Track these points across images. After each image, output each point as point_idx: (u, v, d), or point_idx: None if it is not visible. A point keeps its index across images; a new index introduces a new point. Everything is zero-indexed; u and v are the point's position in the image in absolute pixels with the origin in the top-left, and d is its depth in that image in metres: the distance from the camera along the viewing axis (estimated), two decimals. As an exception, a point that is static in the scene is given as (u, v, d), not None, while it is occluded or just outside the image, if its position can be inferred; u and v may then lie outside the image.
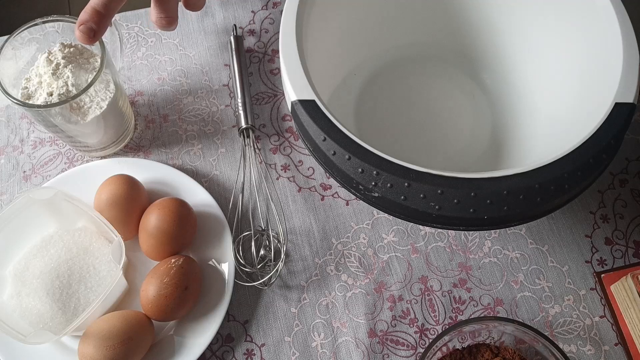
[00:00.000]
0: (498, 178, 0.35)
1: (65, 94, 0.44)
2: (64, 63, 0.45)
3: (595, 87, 0.41)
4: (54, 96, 0.44)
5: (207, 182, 0.51)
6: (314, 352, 0.45)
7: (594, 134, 0.36)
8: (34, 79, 0.46)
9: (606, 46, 0.40)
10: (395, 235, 0.49)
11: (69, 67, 0.45)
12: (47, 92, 0.44)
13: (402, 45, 0.54)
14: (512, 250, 0.48)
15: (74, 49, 0.46)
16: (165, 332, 0.44)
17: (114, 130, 0.49)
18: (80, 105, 0.45)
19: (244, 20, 0.59)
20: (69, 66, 0.45)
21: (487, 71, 0.53)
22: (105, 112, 0.46)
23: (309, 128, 0.38)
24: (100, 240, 0.45)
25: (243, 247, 0.47)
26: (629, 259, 0.48)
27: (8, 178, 0.52)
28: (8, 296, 0.43)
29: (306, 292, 0.47)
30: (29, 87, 0.45)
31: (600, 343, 0.45)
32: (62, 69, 0.45)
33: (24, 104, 0.43)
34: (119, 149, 0.52)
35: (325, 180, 0.51)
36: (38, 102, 0.44)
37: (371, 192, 0.36)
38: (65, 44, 0.46)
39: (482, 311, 0.46)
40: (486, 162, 0.49)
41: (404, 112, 0.52)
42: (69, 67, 0.45)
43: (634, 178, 0.51)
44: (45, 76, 0.45)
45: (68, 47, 0.46)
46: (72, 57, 0.46)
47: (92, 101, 0.45)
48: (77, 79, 0.45)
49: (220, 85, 0.55)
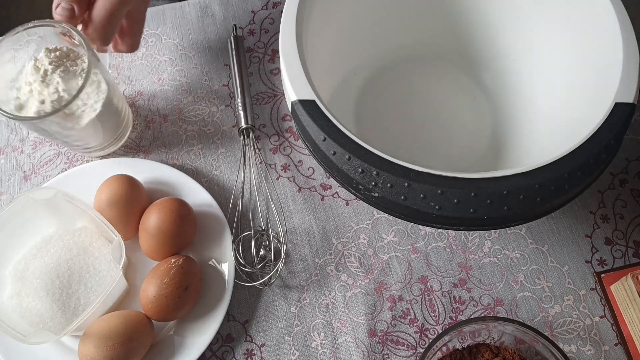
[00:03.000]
0: (498, 178, 0.35)
1: (57, 100, 0.43)
2: (51, 69, 0.44)
3: (595, 87, 0.41)
4: (47, 104, 0.43)
5: (207, 182, 0.51)
6: (314, 352, 0.45)
7: (594, 134, 0.36)
8: (24, 87, 0.44)
9: (606, 46, 0.40)
10: (395, 235, 0.49)
11: (57, 72, 0.44)
12: (39, 100, 0.43)
13: (402, 45, 0.53)
14: (512, 250, 0.48)
15: (59, 52, 0.45)
16: (165, 332, 0.44)
17: (112, 129, 0.49)
18: (73, 110, 0.44)
19: (244, 20, 0.59)
20: (57, 71, 0.44)
21: (487, 71, 0.53)
22: (100, 114, 0.45)
23: (309, 128, 0.38)
24: (100, 240, 0.45)
25: (243, 247, 0.47)
26: (629, 259, 0.48)
27: (8, 178, 0.52)
28: (8, 296, 0.43)
29: (306, 292, 0.47)
30: (20, 97, 0.44)
31: (600, 343, 0.45)
32: (50, 74, 0.44)
33: (15, 117, 0.42)
34: (119, 147, 0.52)
35: (325, 180, 0.51)
36: (31, 112, 0.43)
37: (371, 192, 0.36)
38: (50, 49, 0.45)
39: (482, 311, 0.46)
40: (486, 162, 0.49)
41: (404, 112, 0.52)
42: (57, 72, 0.44)
43: (634, 178, 0.51)
44: (35, 84, 0.44)
45: (53, 51, 0.45)
46: (59, 61, 0.44)
47: (86, 104, 0.45)
48: (67, 83, 0.44)
49: (220, 85, 0.55)
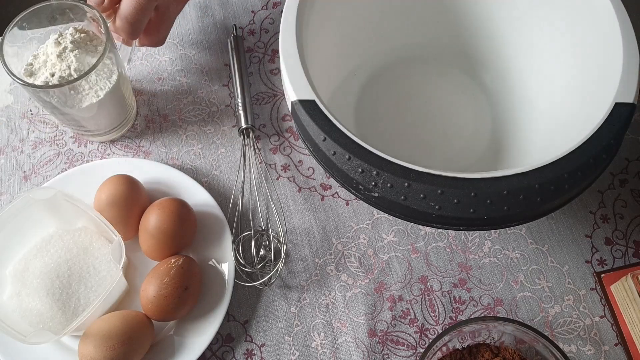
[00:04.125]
0: (498, 178, 0.35)
1: (67, 77, 0.45)
2: (70, 47, 0.45)
3: (595, 87, 0.41)
4: (55, 77, 0.45)
5: (207, 182, 0.51)
6: (314, 352, 0.45)
7: (594, 134, 0.36)
8: (41, 57, 0.46)
9: (606, 46, 0.40)
10: (395, 235, 0.49)
11: (75, 52, 0.45)
12: (49, 72, 0.45)
13: (402, 46, 0.54)
14: (512, 250, 0.48)
15: (85, 35, 0.47)
16: (165, 332, 0.44)
17: (111, 118, 0.50)
18: (78, 90, 0.45)
19: (244, 20, 0.59)
20: (75, 51, 0.45)
21: (488, 71, 0.53)
22: (102, 101, 0.46)
23: (309, 128, 0.38)
24: (100, 240, 0.45)
25: (243, 247, 0.47)
26: (629, 259, 0.48)
27: (8, 178, 0.52)
28: (8, 296, 0.43)
29: (306, 292, 0.47)
30: (34, 64, 0.46)
31: (600, 343, 0.45)
32: (67, 52, 0.45)
33: (23, 82, 0.43)
34: (120, 135, 0.53)
35: (325, 180, 0.51)
36: (39, 80, 0.45)
37: (371, 192, 0.36)
38: (77, 29, 0.47)
39: (482, 311, 0.46)
40: (486, 162, 0.49)
41: (404, 112, 0.52)
42: (75, 52, 0.45)
43: (634, 178, 0.51)
44: (52, 56, 0.45)
45: (80, 32, 0.46)
46: (80, 43, 0.46)
47: (91, 88, 0.46)
48: (81, 64, 0.45)
49: (220, 85, 0.55)
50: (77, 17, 0.47)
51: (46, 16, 0.46)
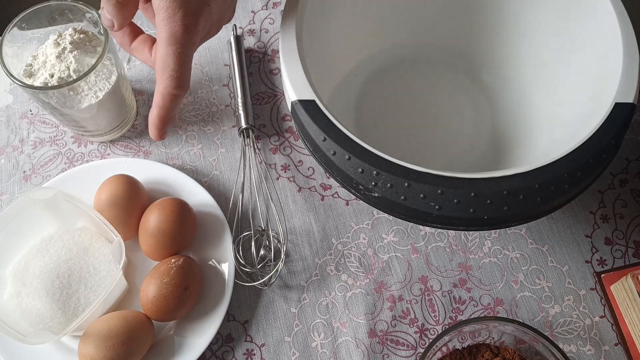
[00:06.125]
0: (498, 178, 0.35)
1: (66, 78, 0.45)
2: (70, 48, 0.46)
3: (595, 87, 0.41)
4: (54, 78, 0.45)
5: (207, 182, 0.51)
6: (314, 352, 0.45)
7: (594, 134, 0.36)
8: (40, 57, 0.46)
9: (606, 46, 0.40)
10: (395, 235, 0.49)
11: (74, 53, 0.45)
12: (49, 73, 0.45)
13: (402, 46, 0.54)
14: (512, 250, 0.48)
15: (84, 35, 0.47)
16: (165, 332, 0.44)
17: (110, 119, 0.50)
18: (77, 91, 0.45)
19: (244, 20, 0.59)
20: (74, 52, 0.45)
21: (488, 71, 0.53)
22: (101, 102, 0.46)
23: (309, 128, 0.38)
24: (100, 240, 0.45)
25: (243, 247, 0.47)
26: (629, 259, 0.48)
27: (8, 178, 0.52)
28: (8, 296, 0.43)
29: (306, 292, 0.47)
30: (33, 65, 0.46)
31: (600, 343, 0.45)
32: (67, 53, 0.45)
33: (22, 84, 0.43)
34: (120, 135, 0.53)
35: (325, 180, 0.51)
36: (38, 81, 0.45)
37: (371, 192, 0.36)
38: (76, 29, 0.47)
39: (482, 311, 0.46)
40: (486, 162, 0.49)
41: (404, 112, 0.52)
42: (74, 53, 0.45)
43: (634, 178, 0.51)
44: (51, 57, 0.46)
45: (79, 32, 0.46)
46: (80, 44, 0.46)
47: (91, 89, 0.46)
48: (80, 65, 0.45)
49: (220, 85, 0.55)
50: (77, 18, 0.47)
51: (46, 17, 0.46)
